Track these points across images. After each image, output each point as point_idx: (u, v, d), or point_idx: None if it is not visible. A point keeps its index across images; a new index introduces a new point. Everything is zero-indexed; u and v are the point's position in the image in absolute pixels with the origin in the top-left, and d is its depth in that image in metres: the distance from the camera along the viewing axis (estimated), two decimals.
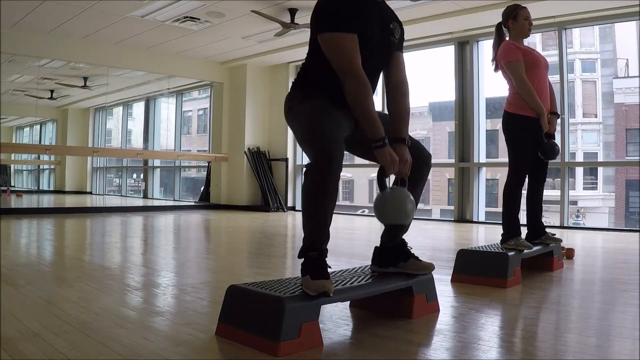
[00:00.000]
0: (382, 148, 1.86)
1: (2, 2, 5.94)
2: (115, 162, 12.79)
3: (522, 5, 3.25)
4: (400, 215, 1.87)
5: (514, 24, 3.16)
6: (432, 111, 16.85)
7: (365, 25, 1.92)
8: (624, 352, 1.71)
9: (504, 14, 3.24)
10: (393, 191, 1.89)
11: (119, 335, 1.81)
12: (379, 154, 1.87)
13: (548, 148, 3.06)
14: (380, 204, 1.88)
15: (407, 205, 1.87)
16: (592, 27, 11.21)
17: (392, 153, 1.88)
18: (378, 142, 1.86)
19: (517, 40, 3.15)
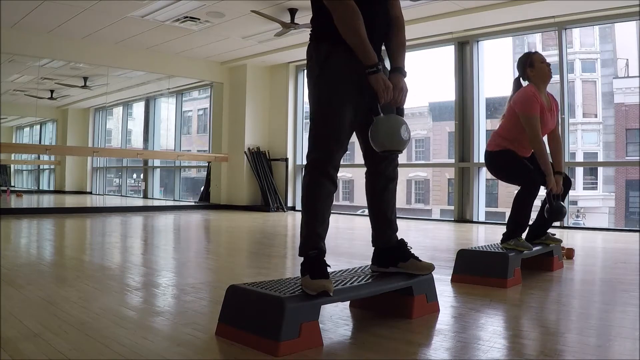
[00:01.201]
0: (375, 74, 1.87)
1: (2, 2, 5.94)
2: (115, 162, 12.79)
3: (534, 51, 3.22)
4: (394, 142, 1.84)
5: (532, 71, 3.12)
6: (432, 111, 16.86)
7: None
8: (624, 352, 1.71)
9: (519, 66, 3.20)
10: (387, 117, 1.88)
11: (119, 335, 1.81)
12: (373, 80, 1.87)
13: (556, 211, 3.01)
14: (374, 130, 1.86)
15: (402, 132, 1.85)
16: (592, 27, 11.21)
17: (385, 79, 1.88)
18: (372, 67, 1.87)
19: (539, 87, 3.10)
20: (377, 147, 1.88)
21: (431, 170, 15.91)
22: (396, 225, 2.16)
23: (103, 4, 6.08)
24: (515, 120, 3.07)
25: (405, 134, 1.86)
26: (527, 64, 3.14)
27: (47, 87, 10.01)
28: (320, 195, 1.83)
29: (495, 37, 7.07)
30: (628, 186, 12.73)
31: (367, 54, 1.87)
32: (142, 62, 8.44)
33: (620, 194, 12.90)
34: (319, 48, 1.97)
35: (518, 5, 5.75)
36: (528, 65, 3.14)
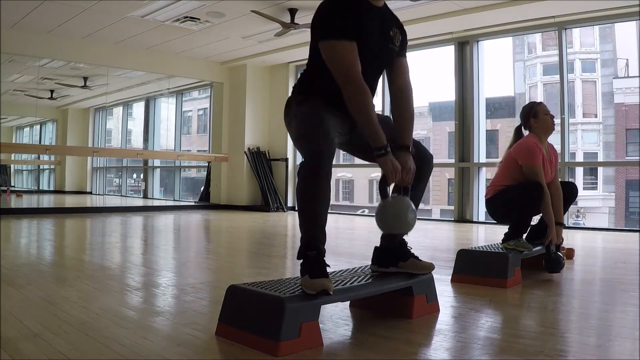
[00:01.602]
0: (384, 156, 1.85)
1: (2, 2, 5.94)
2: (115, 162, 12.79)
3: (537, 102, 3.22)
4: (401, 225, 1.86)
5: (536, 122, 3.11)
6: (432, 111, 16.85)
7: (365, 33, 1.91)
8: (624, 352, 1.71)
9: (522, 116, 3.19)
10: (394, 200, 1.88)
11: (119, 335, 1.81)
12: (381, 163, 1.86)
13: (554, 262, 2.99)
14: (381, 212, 1.87)
15: (409, 214, 1.86)
16: (592, 27, 11.21)
17: (394, 161, 1.86)
18: (380, 150, 1.86)
19: (540, 138, 3.10)
20: (383, 229, 1.89)
21: None
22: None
23: (103, 4, 6.08)
24: (513, 168, 3.06)
25: (412, 217, 1.87)
26: (531, 114, 3.13)
27: (47, 87, 10.01)
28: (314, 195, 1.82)
29: (495, 37, 7.07)
30: (628, 186, 12.72)
31: (375, 136, 1.86)
32: (142, 62, 8.44)
33: (620, 194, 12.90)
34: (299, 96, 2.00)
35: (518, 5, 5.75)
36: (532, 115, 3.13)
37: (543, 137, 3.12)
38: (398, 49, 2.06)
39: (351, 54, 1.86)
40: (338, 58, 1.87)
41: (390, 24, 2.04)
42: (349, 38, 1.87)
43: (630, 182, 12.63)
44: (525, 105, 3.23)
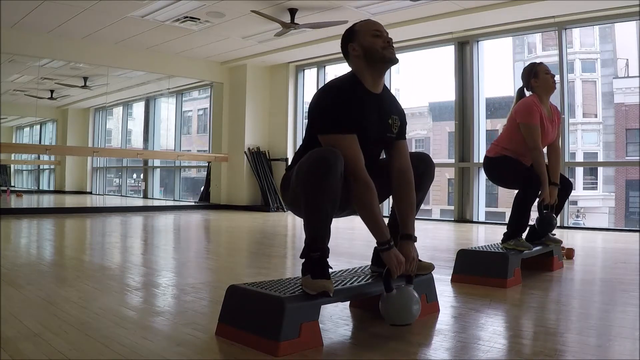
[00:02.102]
0: (388, 251, 1.86)
1: (2, 2, 5.94)
2: (115, 162, 12.79)
3: (538, 62, 3.22)
4: (405, 317, 1.87)
5: (536, 82, 3.12)
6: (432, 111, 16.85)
7: (364, 124, 1.90)
8: (624, 352, 1.71)
9: (523, 76, 3.21)
10: (399, 293, 1.88)
11: (119, 335, 1.80)
12: (385, 257, 1.87)
13: (546, 222, 3.02)
14: (385, 305, 1.87)
15: (413, 306, 1.86)
16: (592, 27, 11.20)
17: (398, 255, 1.87)
18: (384, 245, 1.87)
19: (542, 98, 3.11)
20: (386, 320, 1.89)
21: None
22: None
23: (103, 4, 6.08)
24: (515, 129, 3.08)
25: (416, 309, 1.87)
26: (532, 74, 3.14)
27: (47, 87, 10.01)
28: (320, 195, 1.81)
29: (495, 37, 7.07)
30: (628, 186, 12.72)
31: (379, 232, 1.87)
32: (142, 62, 8.44)
33: (620, 194, 12.89)
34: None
35: (518, 5, 5.75)
36: (532, 75, 3.13)
37: (544, 97, 3.13)
38: (396, 135, 2.04)
39: (354, 148, 1.85)
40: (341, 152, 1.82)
41: (389, 112, 2.02)
42: (350, 132, 1.85)
43: (630, 182, 12.63)
44: (526, 66, 3.24)
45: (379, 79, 1.99)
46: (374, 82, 1.98)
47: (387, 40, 1.97)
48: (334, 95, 1.90)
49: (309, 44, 7.70)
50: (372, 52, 1.94)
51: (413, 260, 1.94)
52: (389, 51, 1.95)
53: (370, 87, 1.97)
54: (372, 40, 1.96)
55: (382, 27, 2.01)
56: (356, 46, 1.97)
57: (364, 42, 1.96)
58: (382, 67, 1.97)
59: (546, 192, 3.02)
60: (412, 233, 1.99)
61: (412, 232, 1.99)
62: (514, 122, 3.08)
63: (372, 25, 2.00)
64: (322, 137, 1.88)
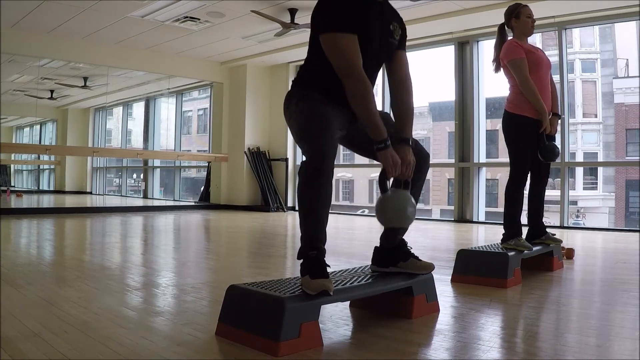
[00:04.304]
0: (384, 150, 1.85)
1: (2, 2, 5.94)
2: (115, 162, 12.79)
3: (524, 4, 3.24)
4: (401, 218, 1.86)
5: (516, 22, 3.17)
6: (432, 111, 16.85)
7: (365, 26, 1.91)
8: (624, 352, 1.71)
9: (506, 14, 3.25)
10: (394, 193, 1.88)
11: (119, 335, 1.81)
12: (381, 156, 1.85)
13: (548, 150, 3.04)
14: (381, 206, 1.87)
15: (408, 208, 1.86)
16: (592, 27, 11.21)
17: (394, 155, 1.86)
18: (380, 143, 1.85)
19: (520, 38, 3.15)
20: (383, 223, 1.89)
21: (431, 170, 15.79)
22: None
23: (103, 4, 6.08)
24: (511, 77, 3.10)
25: (412, 211, 1.87)
26: (514, 14, 3.19)
27: (47, 87, 10.01)
28: (315, 195, 1.82)
29: (495, 37, 7.05)
30: (628, 186, 12.72)
31: (376, 129, 1.86)
32: (142, 62, 8.44)
33: (620, 194, 12.90)
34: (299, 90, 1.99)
35: None
36: (514, 15, 3.19)
37: (523, 38, 3.17)
38: (398, 42, 2.06)
39: (353, 47, 1.86)
40: (340, 51, 1.86)
41: (391, 18, 2.05)
42: (350, 31, 1.86)
43: (630, 182, 12.63)
44: (511, 4, 3.28)
45: None
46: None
47: None
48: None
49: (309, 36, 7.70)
50: None
51: (409, 163, 1.92)
52: None
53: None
54: None
55: None
56: None
57: None
58: None
59: (546, 122, 3.02)
60: (409, 137, 1.98)
61: (409, 136, 1.99)
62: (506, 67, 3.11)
63: None
64: (322, 37, 1.89)
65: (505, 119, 3.19)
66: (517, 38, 3.15)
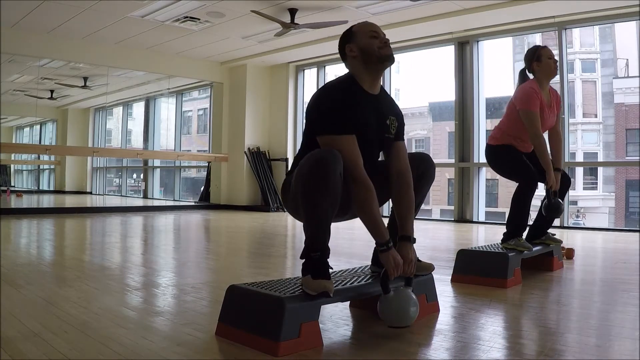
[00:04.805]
0: (386, 252, 1.86)
1: (2, 2, 5.94)
2: (115, 162, 12.79)
3: (542, 45, 3.20)
4: (403, 319, 1.87)
5: (538, 66, 3.10)
6: (432, 111, 16.86)
7: (363, 125, 1.91)
8: (624, 352, 1.71)
9: (526, 58, 3.18)
10: (397, 295, 1.87)
11: (119, 335, 1.81)
12: (383, 258, 1.87)
13: (553, 208, 2.99)
14: (383, 307, 1.87)
15: (411, 308, 1.86)
16: (592, 27, 11.21)
17: (396, 257, 1.87)
18: (382, 246, 1.87)
19: (542, 83, 3.10)
20: (385, 321, 1.89)
21: None
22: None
23: (103, 4, 6.08)
24: (515, 115, 3.07)
25: (414, 311, 1.87)
26: (535, 57, 3.12)
27: (47, 87, 10.01)
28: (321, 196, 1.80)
29: (495, 37, 7.07)
30: (628, 186, 12.72)
31: (378, 233, 1.87)
32: (142, 62, 8.44)
33: (620, 194, 12.90)
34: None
35: (518, 5, 5.75)
36: (535, 58, 3.12)
37: (544, 82, 3.11)
38: (394, 136, 2.04)
39: (352, 149, 1.85)
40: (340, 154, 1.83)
41: (387, 112, 2.02)
42: (348, 132, 1.86)
43: (630, 182, 12.63)
44: (530, 48, 3.21)
45: (377, 80, 2.00)
46: (371, 83, 1.98)
47: (384, 41, 1.97)
48: (332, 96, 1.91)
49: (309, 44, 7.70)
50: (369, 53, 1.95)
51: (411, 261, 1.93)
52: (386, 50, 1.96)
53: (368, 88, 1.98)
54: (369, 41, 1.96)
55: (379, 28, 2.02)
56: (353, 47, 1.98)
57: (361, 43, 1.97)
58: (380, 67, 1.97)
59: (552, 179, 3.00)
60: (410, 234, 1.99)
61: (410, 233, 1.99)
62: (514, 108, 3.07)
63: (369, 27, 2.01)
64: (320, 138, 1.88)
65: (488, 152, 3.19)
66: (539, 82, 3.09)
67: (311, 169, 1.74)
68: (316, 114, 1.91)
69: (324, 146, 1.85)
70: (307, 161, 1.76)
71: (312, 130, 1.92)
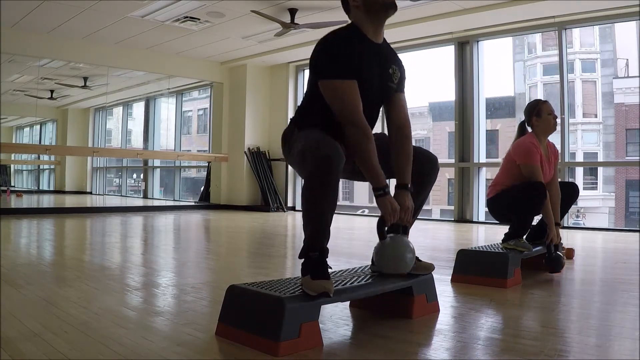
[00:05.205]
0: (383, 197, 1.86)
1: (2, 2, 5.94)
2: (115, 162, 12.79)
3: (543, 100, 3.20)
4: (399, 266, 1.87)
5: (538, 121, 3.10)
6: (432, 111, 16.86)
7: (365, 71, 1.91)
8: (624, 352, 1.71)
9: (526, 112, 3.19)
10: (393, 241, 1.87)
11: (119, 335, 1.81)
12: (380, 203, 1.87)
13: (554, 262, 2.99)
14: (380, 254, 1.87)
15: (407, 254, 1.86)
16: (592, 27, 11.21)
17: (393, 202, 1.87)
18: (379, 190, 1.86)
19: (540, 138, 3.10)
20: (382, 268, 1.88)
21: None
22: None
23: (103, 4, 6.08)
24: (512, 168, 3.06)
25: (410, 258, 1.87)
26: (534, 112, 3.12)
27: (47, 87, 10.01)
28: (320, 197, 1.81)
29: (495, 37, 7.07)
30: (628, 186, 12.73)
31: (374, 177, 1.87)
32: (142, 62, 8.44)
33: (620, 194, 12.90)
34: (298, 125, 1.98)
35: (518, 5, 5.75)
36: (535, 113, 3.12)
37: (542, 137, 3.13)
38: (396, 85, 2.05)
39: (353, 94, 1.86)
40: (340, 98, 1.86)
41: (390, 61, 2.03)
42: (350, 77, 1.86)
43: (630, 182, 12.63)
44: (531, 102, 3.23)
45: (379, 29, 2.00)
46: (374, 32, 1.99)
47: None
48: (336, 41, 1.92)
49: (309, 44, 7.70)
50: (373, 0, 1.95)
51: (408, 209, 1.93)
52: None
53: (372, 37, 1.98)
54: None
55: None
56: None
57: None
58: (383, 15, 1.98)
59: (553, 233, 3.00)
60: (407, 183, 1.99)
61: (408, 182, 1.99)
62: (512, 161, 3.07)
63: None
64: (322, 83, 1.89)
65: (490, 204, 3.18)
66: (537, 137, 3.09)
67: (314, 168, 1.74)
68: (319, 59, 1.92)
69: (326, 91, 1.87)
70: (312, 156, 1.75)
71: (315, 75, 1.93)
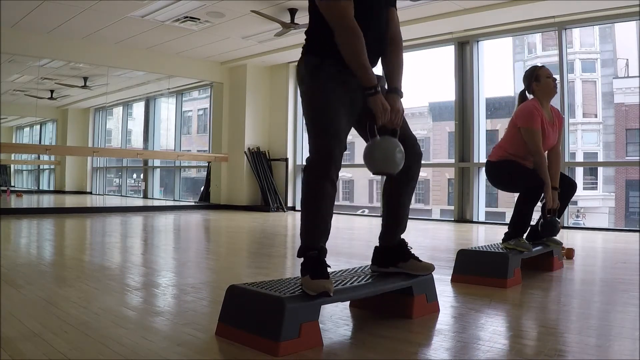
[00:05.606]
0: (374, 96, 1.88)
1: (2, 2, 5.94)
2: (115, 162, 12.79)
3: (540, 65, 3.22)
4: (388, 164, 1.87)
5: (537, 86, 3.13)
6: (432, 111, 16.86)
7: None
8: (624, 352, 1.71)
9: (525, 79, 3.21)
10: (383, 139, 1.88)
11: (119, 335, 1.81)
12: (371, 102, 1.89)
13: (550, 225, 3.02)
14: (369, 151, 1.88)
15: (397, 153, 1.87)
16: (592, 27, 11.21)
17: (384, 101, 1.89)
18: (370, 89, 1.88)
19: (542, 101, 3.12)
20: (371, 168, 1.89)
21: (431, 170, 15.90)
22: (405, 225, 2.16)
23: (103, 4, 6.08)
24: (516, 133, 3.09)
25: (400, 157, 1.88)
26: (533, 77, 3.14)
27: (47, 87, 10.01)
28: (320, 195, 1.83)
29: (495, 37, 7.07)
30: (628, 186, 12.73)
31: (366, 76, 1.88)
32: (142, 62, 8.44)
33: (620, 194, 12.90)
34: (310, 60, 1.98)
35: (518, 5, 5.75)
36: (534, 79, 3.14)
37: (545, 101, 3.14)
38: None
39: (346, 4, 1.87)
40: (331, 5, 1.88)
41: None
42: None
43: (630, 182, 12.63)
44: (528, 69, 3.25)
45: None
46: None
47: None
48: None
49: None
50: None
51: (398, 111, 1.95)
52: None
53: None
54: None
55: None
56: None
57: None
58: None
59: (549, 196, 3.02)
60: (399, 87, 2.01)
61: (399, 86, 2.01)
62: (515, 126, 3.10)
63: None
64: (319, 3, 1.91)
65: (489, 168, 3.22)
66: (540, 101, 3.12)
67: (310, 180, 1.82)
68: None
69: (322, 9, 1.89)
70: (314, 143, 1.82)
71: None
